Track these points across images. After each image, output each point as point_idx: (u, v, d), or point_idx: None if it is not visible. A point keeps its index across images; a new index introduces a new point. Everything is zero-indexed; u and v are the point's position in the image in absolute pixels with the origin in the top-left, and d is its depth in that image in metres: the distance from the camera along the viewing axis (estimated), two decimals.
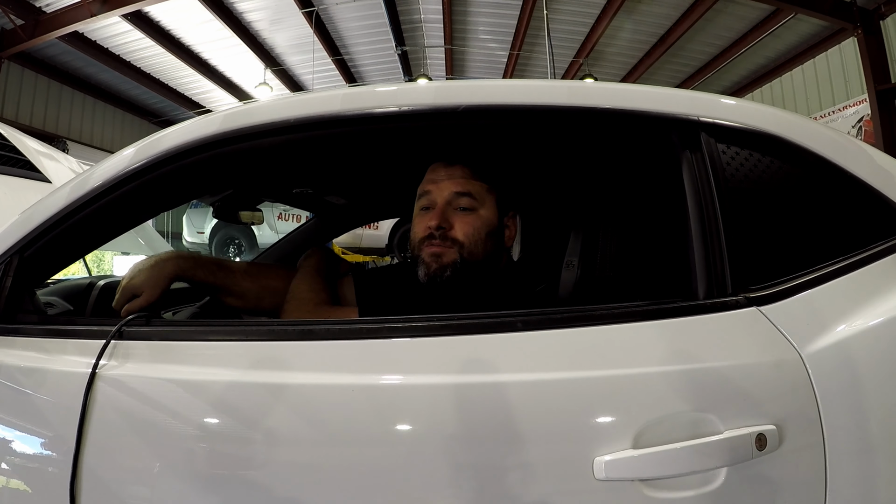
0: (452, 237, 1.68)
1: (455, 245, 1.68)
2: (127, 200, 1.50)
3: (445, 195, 1.71)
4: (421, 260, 1.72)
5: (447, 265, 1.67)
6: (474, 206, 1.71)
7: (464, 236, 1.68)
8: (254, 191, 3.09)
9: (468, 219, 1.70)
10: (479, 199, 1.72)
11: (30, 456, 1.25)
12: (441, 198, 1.72)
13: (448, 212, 1.71)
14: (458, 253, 1.67)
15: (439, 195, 1.72)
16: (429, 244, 1.70)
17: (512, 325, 1.26)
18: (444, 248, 1.68)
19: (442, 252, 1.68)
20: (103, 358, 1.26)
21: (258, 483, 1.17)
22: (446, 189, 1.72)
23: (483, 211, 1.73)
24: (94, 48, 12.82)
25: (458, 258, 1.67)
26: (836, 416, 1.20)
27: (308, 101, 1.50)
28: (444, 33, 13.51)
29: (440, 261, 1.68)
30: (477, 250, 1.69)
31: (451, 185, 1.72)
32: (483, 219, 1.72)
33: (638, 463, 1.11)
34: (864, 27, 11.20)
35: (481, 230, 1.70)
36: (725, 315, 1.28)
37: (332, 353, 1.27)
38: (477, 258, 1.69)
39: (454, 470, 1.15)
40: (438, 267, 1.68)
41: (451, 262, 1.67)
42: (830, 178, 1.45)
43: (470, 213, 1.71)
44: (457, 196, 1.71)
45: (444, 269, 1.67)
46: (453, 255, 1.67)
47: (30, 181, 3.25)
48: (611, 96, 1.49)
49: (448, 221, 1.69)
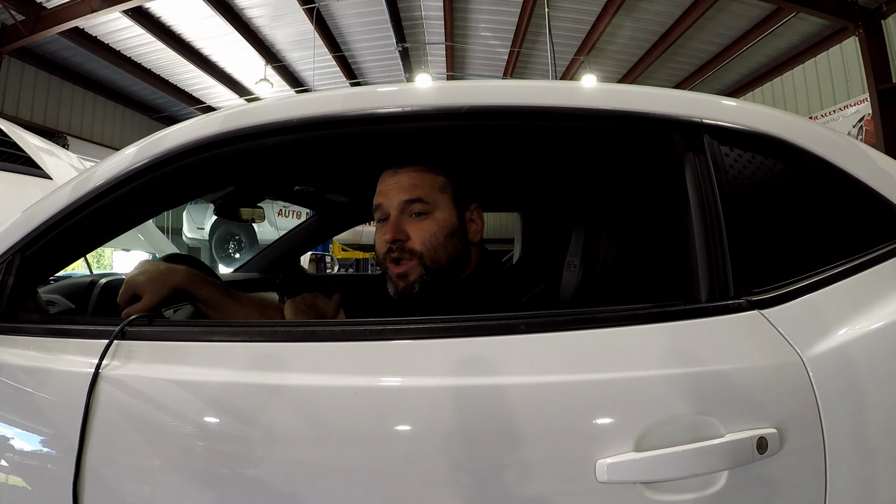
0: (410, 248, 1.68)
1: (415, 257, 1.67)
2: (128, 200, 1.50)
3: (395, 205, 1.70)
4: (389, 278, 1.74)
5: (413, 282, 1.68)
6: (427, 209, 1.70)
7: (421, 245, 1.67)
8: (255, 188, 3.09)
9: (424, 224, 1.69)
10: (431, 201, 1.70)
11: (32, 455, 1.26)
12: (392, 208, 1.71)
13: (402, 222, 1.70)
14: (421, 265, 1.67)
15: (390, 206, 1.71)
16: (391, 262, 1.70)
17: (515, 328, 1.26)
18: (406, 265, 1.68)
19: (406, 271, 1.68)
20: (106, 358, 1.26)
21: (260, 483, 1.17)
22: (395, 198, 1.70)
23: (438, 213, 1.71)
24: (95, 44, 12.81)
25: (422, 272, 1.67)
26: (836, 419, 1.20)
27: (310, 100, 1.51)
28: (444, 30, 13.50)
29: (406, 280, 1.68)
30: (438, 256, 1.68)
31: (400, 193, 1.70)
32: (439, 221, 1.70)
33: (640, 465, 1.12)
34: (865, 26, 11.18)
35: (439, 234, 1.69)
36: (727, 318, 1.29)
37: (335, 355, 1.27)
38: (440, 264, 1.69)
39: (456, 472, 1.15)
40: (406, 286, 1.69)
41: (417, 278, 1.68)
42: (832, 181, 1.46)
43: (425, 217, 1.69)
44: (407, 204, 1.69)
45: (411, 286, 1.68)
46: (417, 270, 1.68)
47: (30, 177, 3.23)
48: (614, 98, 1.48)
49: (403, 232, 1.68)
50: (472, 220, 1.81)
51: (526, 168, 2.28)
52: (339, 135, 1.53)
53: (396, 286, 1.71)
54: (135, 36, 12.71)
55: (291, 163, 2.20)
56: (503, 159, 2.06)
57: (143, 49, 13.42)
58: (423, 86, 1.52)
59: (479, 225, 1.83)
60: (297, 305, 1.86)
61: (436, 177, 1.73)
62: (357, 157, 2.11)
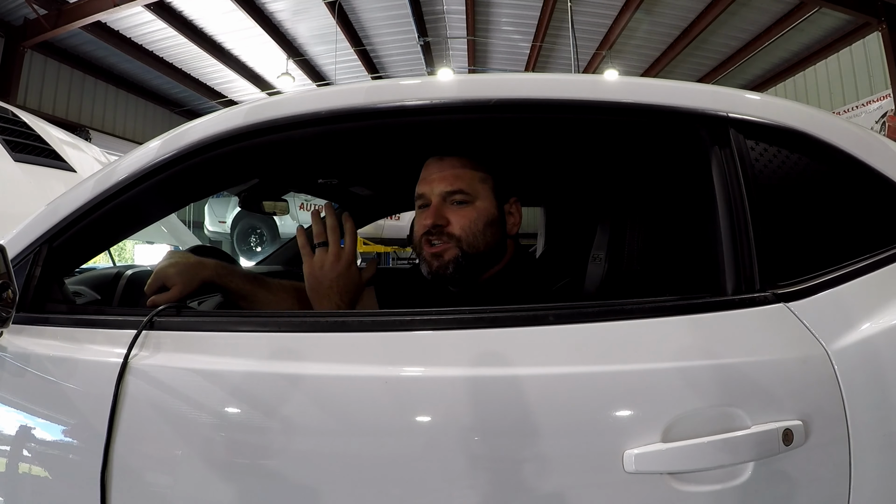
0: (449, 233, 1.69)
1: (453, 240, 1.69)
2: (152, 193, 1.52)
3: (437, 193, 1.72)
4: (423, 259, 1.74)
5: (448, 262, 1.69)
6: (468, 199, 1.71)
7: (461, 230, 1.69)
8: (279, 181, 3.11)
9: (464, 211, 1.71)
10: (472, 192, 1.72)
11: (60, 445, 1.27)
12: (434, 196, 1.72)
13: (443, 208, 1.71)
14: (458, 247, 1.69)
15: (432, 194, 1.73)
16: (428, 244, 1.71)
17: (543, 319, 1.27)
18: (443, 246, 1.69)
19: (442, 251, 1.69)
20: (134, 348, 1.27)
21: (285, 472, 1.18)
22: (437, 188, 1.72)
23: (479, 202, 1.73)
24: (117, 38, 12.83)
25: (458, 253, 1.69)
26: (861, 411, 1.21)
27: (334, 93, 1.52)
28: (466, 24, 13.44)
29: (441, 259, 1.70)
30: (477, 242, 1.70)
31: (442, 184, 1.72)
32: (480, 210, 1.72)
33: (667, 456, 1.13)
34: (888, 22, 11.05)
35: (478, 222, 1.70)
36: (753, 311, 1.29)
37: (362, 345, 1.28)
38: (478, 250, 1.70)
39: (483, 462, 1.16)
40: (440, 265, 1.70)
41: (452, 258, 1.69)
42: (856, 175, 1.46)
43: (465, 206, 1.71)
44: (449, 195, 1.71)
45: (445, 266, 1.69)
46: (453, 251, 1.69)
47: (54, 170, 3.26)
48: (640, 92, 1.49)
49: (444, 218, 1.70)
50: (510, 212, 1.83)
51: (552, 162, 2.28)
52: (364, 127, 1.55)
53: (430, 265, 1.72)
54: (157, 30, 12.73)
55: (315, 156, 2.21)
56: (529, 153, 2.06)
57: (165, 43, 13.44)
58: (450, 79, 1.53)
59: (517, 218, 1.85)
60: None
61: (477, 169, 1.75)
62: (381, 150, 2.12)
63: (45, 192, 2.84)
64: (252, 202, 3.26)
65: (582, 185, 2.52)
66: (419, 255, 1.76)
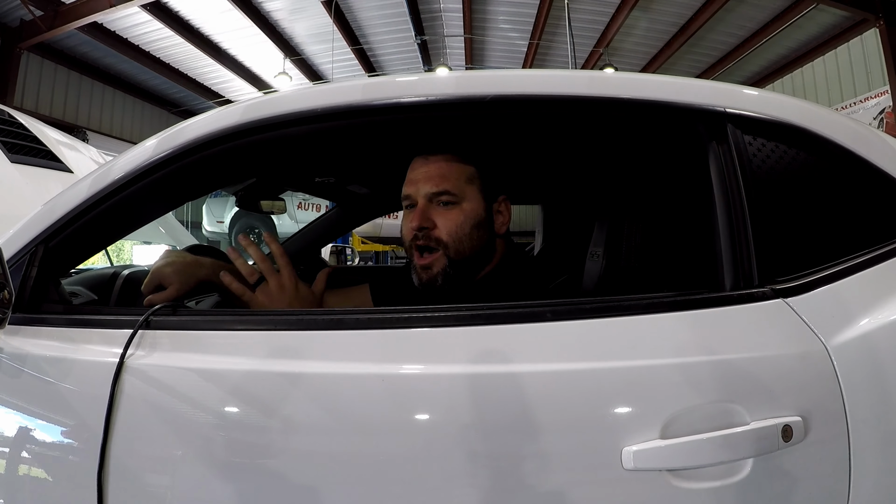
0: (436, 237, 1.68)
1: (440, 247, 1.68)
2: (149, 191, 1.51)
3: (423, 194, 1.70)
4: (413, 267, 1.74)
5: (437, 275, 1.69)
6: (455, 200, 1.70)
7: (447, 235, 1.68)
8: (276, 180, 3.10)
9: (450, 214, 1.69)
10: (459, 193, 1.70)
11: (56, 445, 1.27)
12: (420, 197, 1.71)
13: (428, 210, 1.70)
14: (445, 256, 1.68)
15: (418, 195, 1.71)
16: (417, 253, 1.71)
17: (541, 315, 1.27)
18: (430, 257, 1.69)
19: (430, 262, 1.69)
20: (130, 347, 1.27)
21: (285, 471, 1.18)
22: (423, 189, 1.70)
23: (466, 203, 1.71)
24: (113, 38, 12.84)
25: (446, 263, 1.68)
26: (860, 407, 1.21)
27: (331, 90, 1.51)
28: (463, 23, 13.45)
29: (430, 272, 1.69)
30: (463, 247, 1.69)
31: (428, 185, 1.70)
32: (466, 211, 1.70)
33: (666, 453, 1.12)
34: (886, 18, 11.07)
35: (465, 225, 1.69)
36: (752, 306, 1.29)
37: (359, 343, 1.27)
38: (464, 255, 1.69)
39: (482, 459, 1.16)
40: (429, 277, 1.69)
41: (440, 270, 1.68)
42: (855, 170, 1.45)
43: (452, 207, 1.70)
44: (435, 195, 1.70)
45: (434, 279, 1.69)
46: (441, 262, 1.68)
47: (51, 171, 3.26)
48: (638, 87, 1.48)
49: (430, 220, 1.69)
50: (499, 211, 1.81)
51: (549, 159, 2.28)
52: (361, 124, 1.54)
53: (420, 277, 1.71)
54: (153, 30, 12.74)
55: (312, 154, 2.20)
56: (526, 150, 2.06)
57: (161, 43, 13.45)
58: (447, 75, 1.52)
59: (506, 217, 1.83)
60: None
61: (464, 167, 1.73)
62: (378, 147, 2.12)
63: (42, 193, 2.83)
64: (249, 201, 3.26)
65: (579, 181, 2.52)
66: (409, 260, 1.76)
